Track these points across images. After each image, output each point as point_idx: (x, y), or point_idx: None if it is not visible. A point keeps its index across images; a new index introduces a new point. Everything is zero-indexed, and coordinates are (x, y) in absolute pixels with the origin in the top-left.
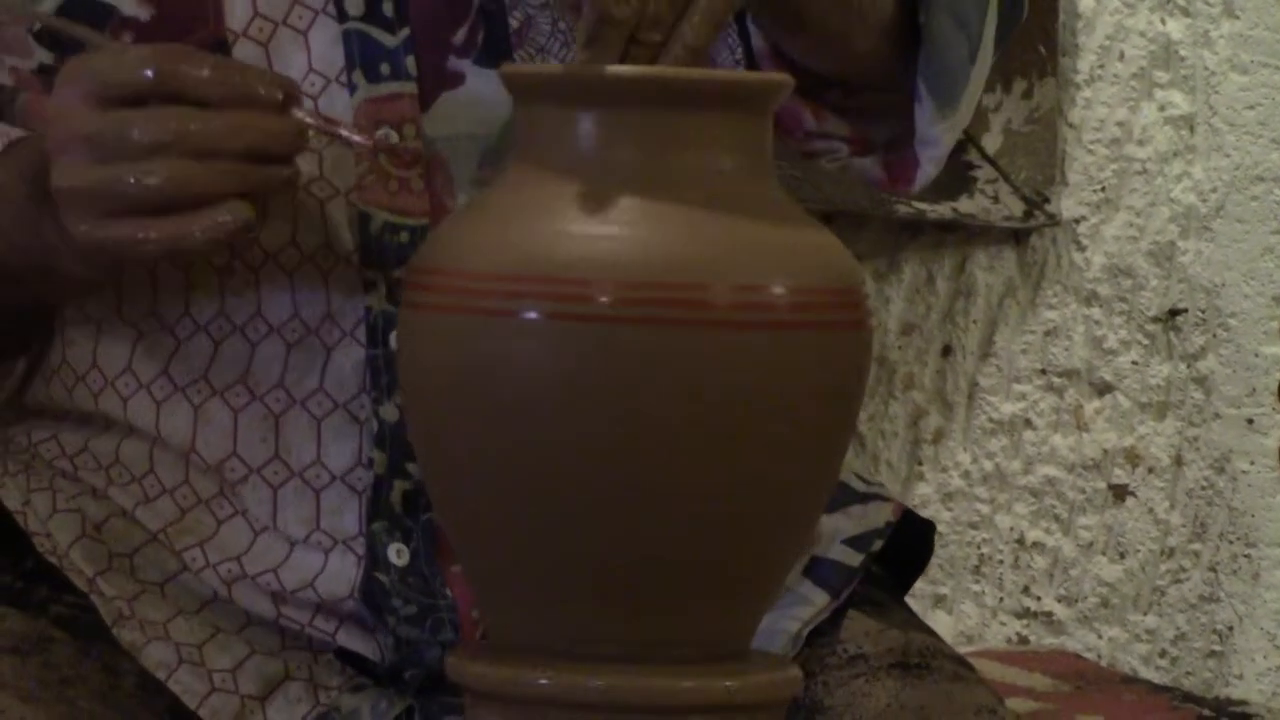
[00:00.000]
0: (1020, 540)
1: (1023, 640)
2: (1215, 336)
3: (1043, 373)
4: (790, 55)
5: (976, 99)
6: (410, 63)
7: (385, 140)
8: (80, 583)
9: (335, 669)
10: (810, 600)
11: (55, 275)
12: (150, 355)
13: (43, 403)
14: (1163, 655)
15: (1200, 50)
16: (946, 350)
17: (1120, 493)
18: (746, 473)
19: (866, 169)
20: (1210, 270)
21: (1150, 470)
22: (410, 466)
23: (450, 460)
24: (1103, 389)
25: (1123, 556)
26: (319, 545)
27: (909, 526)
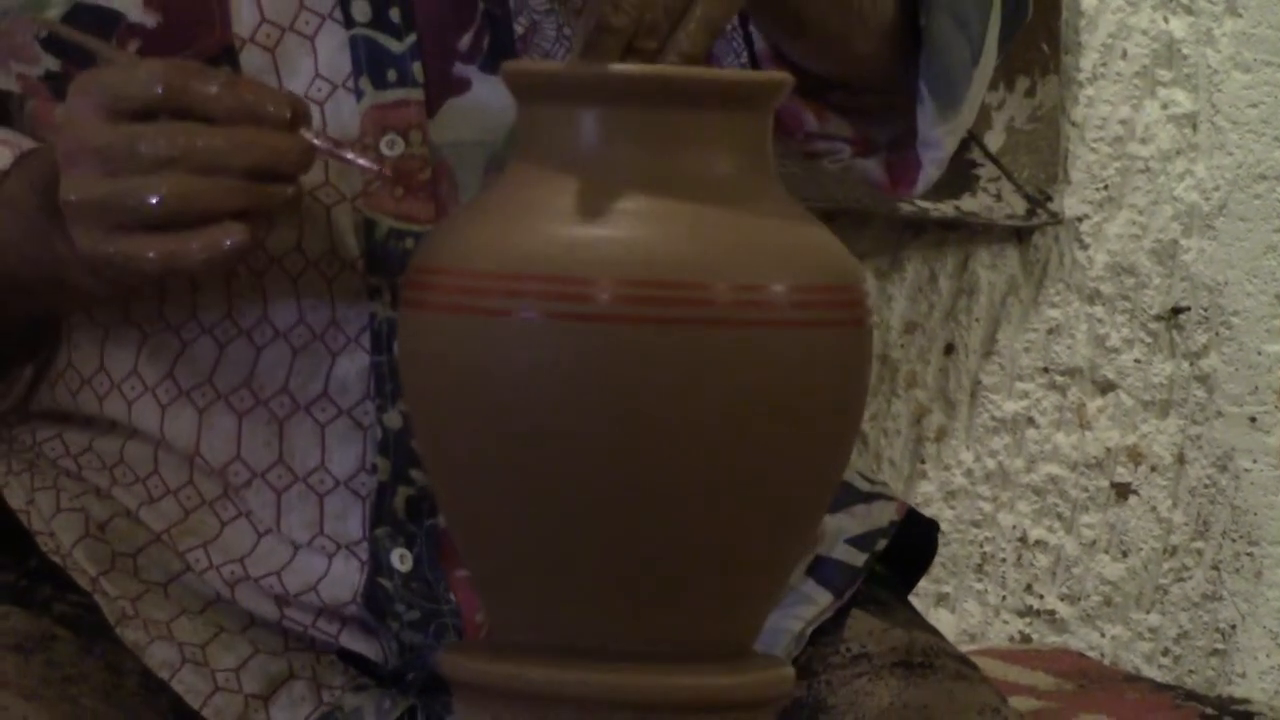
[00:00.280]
0: (1023, 538)
1: (1025, 639)
2: (1218, 335)
3: (1045, 371)
4: (791, 58)
5: (979, 101)
6: (417, 69)
7: (389, 164)
8: (83, 582)
9: (338, 669)
10: (813, 600)
11: (65, 287)
12: (155, 358)
13: (48, 405)
14: (1165, 654)
15: (1203, 48)
16: (949, 348)
17: (1123, 491)
18: (748, 472)
19: (868, 171)
20: (1213, 268)
21: (1153, 468)
22: (414, 473)
23: (452, 459)
24: (1105, 387)
25: (1125, 555)
26: (322, 549)
27: (912, 525)
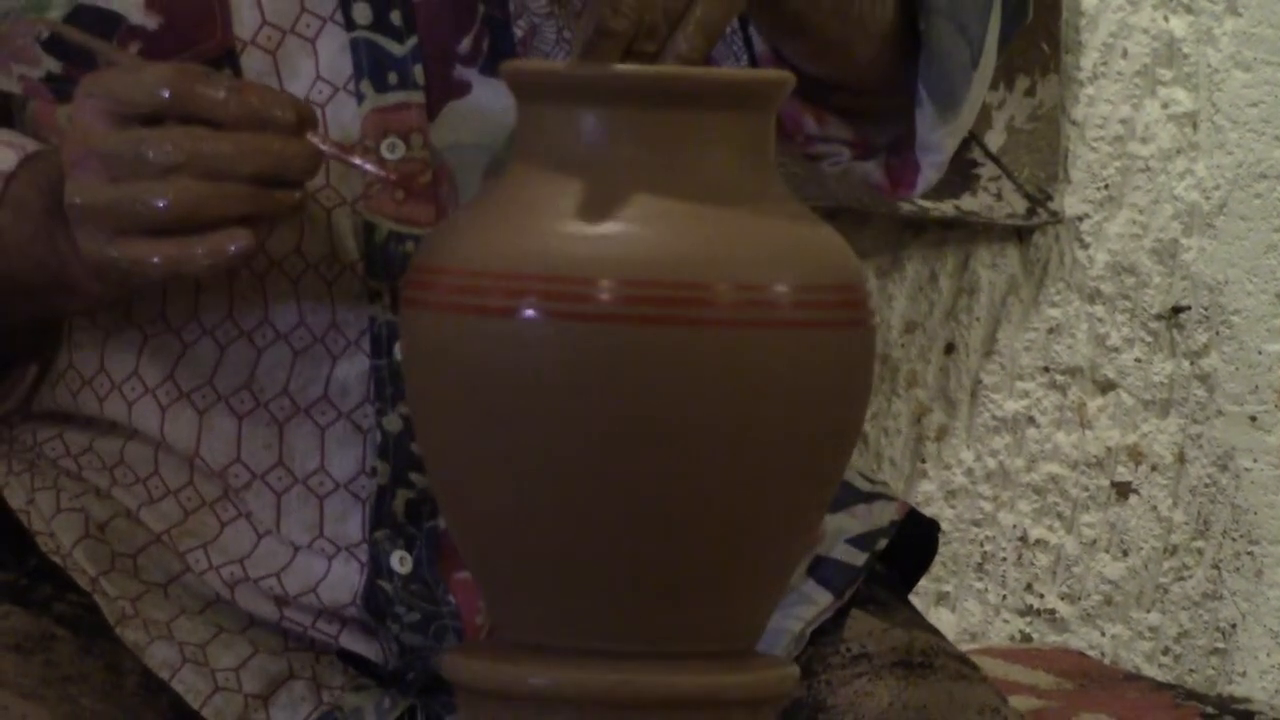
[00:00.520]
0: (1023, 538)
1: (1026, 638)
2: (1218, 334)
3: (1046, 370)
4: (791, 61)
5: (979, 103)
6: (418, 72)
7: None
8: (83, 582)
9: (338, 669)
10: (813, 600)
11: (68, 289)
12: (156, 360)
13: (49, 406)
14: (1166, 653)
15: (1203, 47)
16: (949, 348)
17: (1123, 490)
18: (749, 472)
19: (868, 173)
20: (1213, 268)
21: (1153, 468)
22: (413, 476)
23: (452, 458)
24: (1106, 386)
25: (1126, 554)
26: (322, 551)
27: (913, 525)
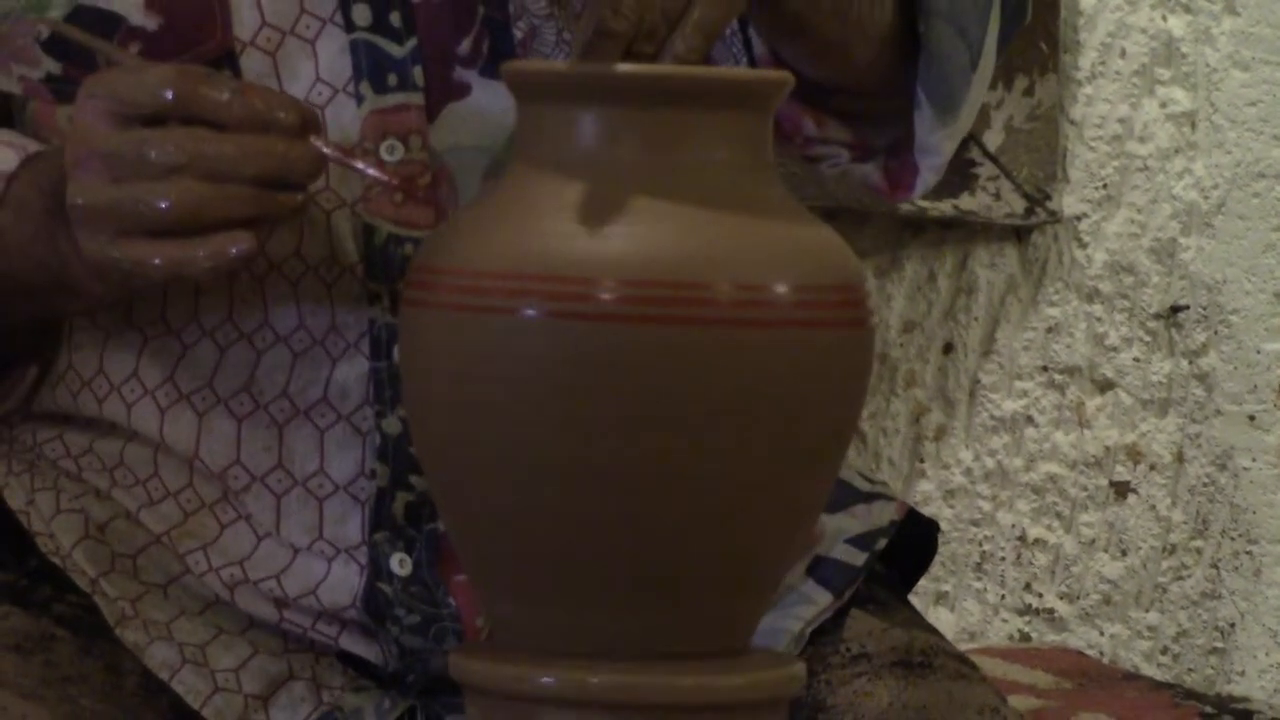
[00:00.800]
0: (1022, 537)
1: (1024, 637)
2: (1217, 333)
3: (1044, 370)
4: (790, 63)
5: (978, 106)
6: (418, 73)
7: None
8: (83, 583)
9: (338, 669)
10: (813, 600)
11: (69, 289)
12: (155, 361)
13: (49, 407)
14: (1164, 652)
15: (1201, 47)
16: (948, 347)
17: (1122, 490)
18: (747, 471)
19: (866, 175)
20: (1212, 267)
21: (1152, 467)
22: (413, 478)
23: (451, 458)
24: (1104, 386)
25: (1124, 553)
26: (322, 553)
27: (912, 525)
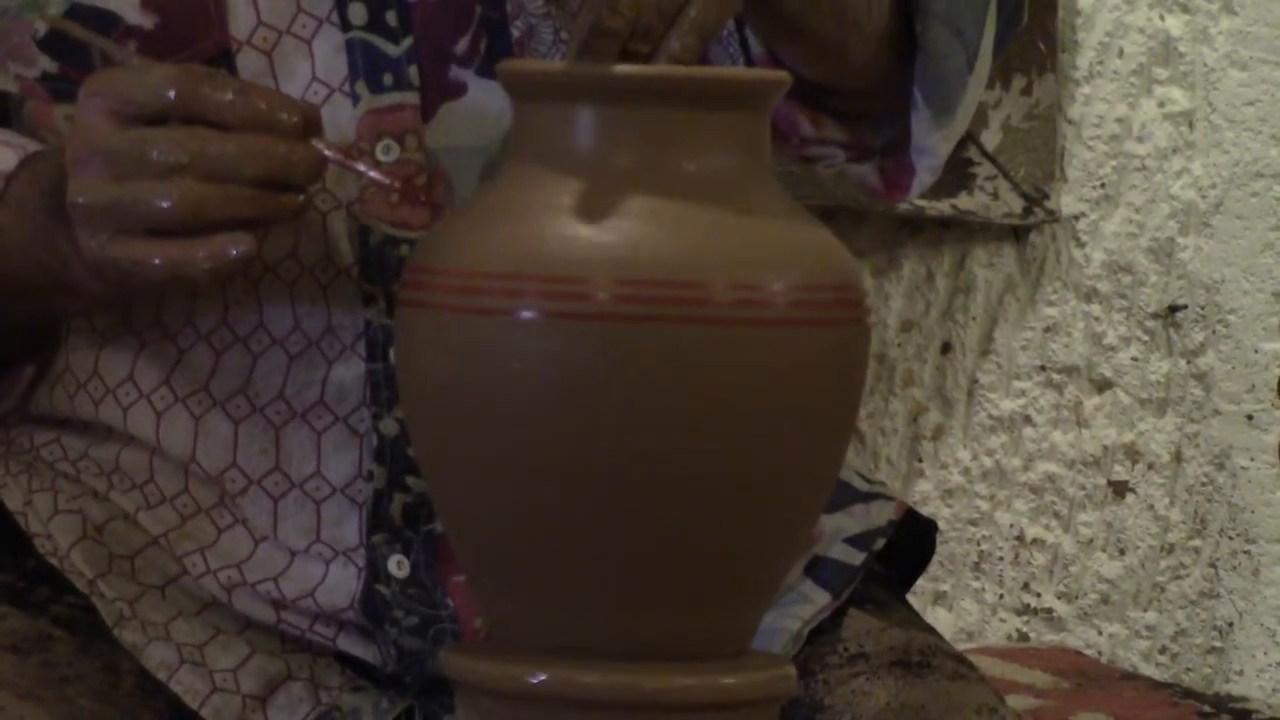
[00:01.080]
0: (1020, 537)
1: (1023, 637)
2: (1215, 333)
3: (1042, 369)
4: (787, 63)
5: (974, 107)
6: (413, 72)
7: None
8: (80, 584)
9: (336, 670)
10: (811, 599)
11: (68, 289)
12: (152, 365)
13: (45, 409)
14: (1163, 652)
15: (1199, 46)
16: (946, 347)
17: (1120, 489)
18: (745, 471)
19: (863, 176)
20: (1210, 266)
21: (1150, 466)
22: (410, 480)
23: (449, 459)
24: (1102, 385)
25: (1122, 553)
26: (319, 556)
27: (910, 524)
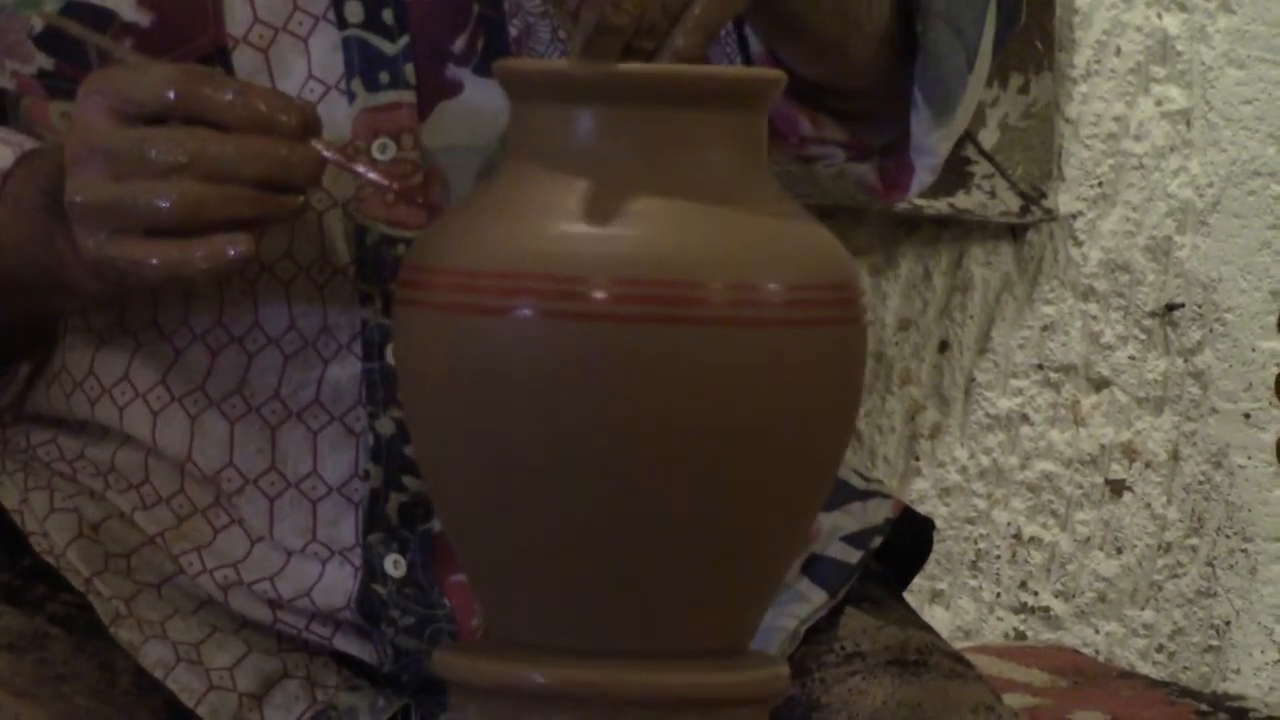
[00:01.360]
0: (1017, 535)
1: (1020, 635)
2: (1212, 331)
3: (1040, 368)
4: (787, 62)
5: (974, 105)
6: (409, 71)
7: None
8: (77, 583)
9: (332, 668)
10: (808, 598)
11: (65, 288)
12: (148, 365)
13: (42, 408)
14: (1160, 650)
15: (1197, 45)
16: (943, 346)
17: (1117, 488)
18: (742, 470)
19: (862, 175)
20: (1207, 265)
21: (1147, 465)
22: (406, 479)
23: (447, 458)
24: (1100, 384)
25: (1120, 551)
26: (316, 556)
27: (907, 523)
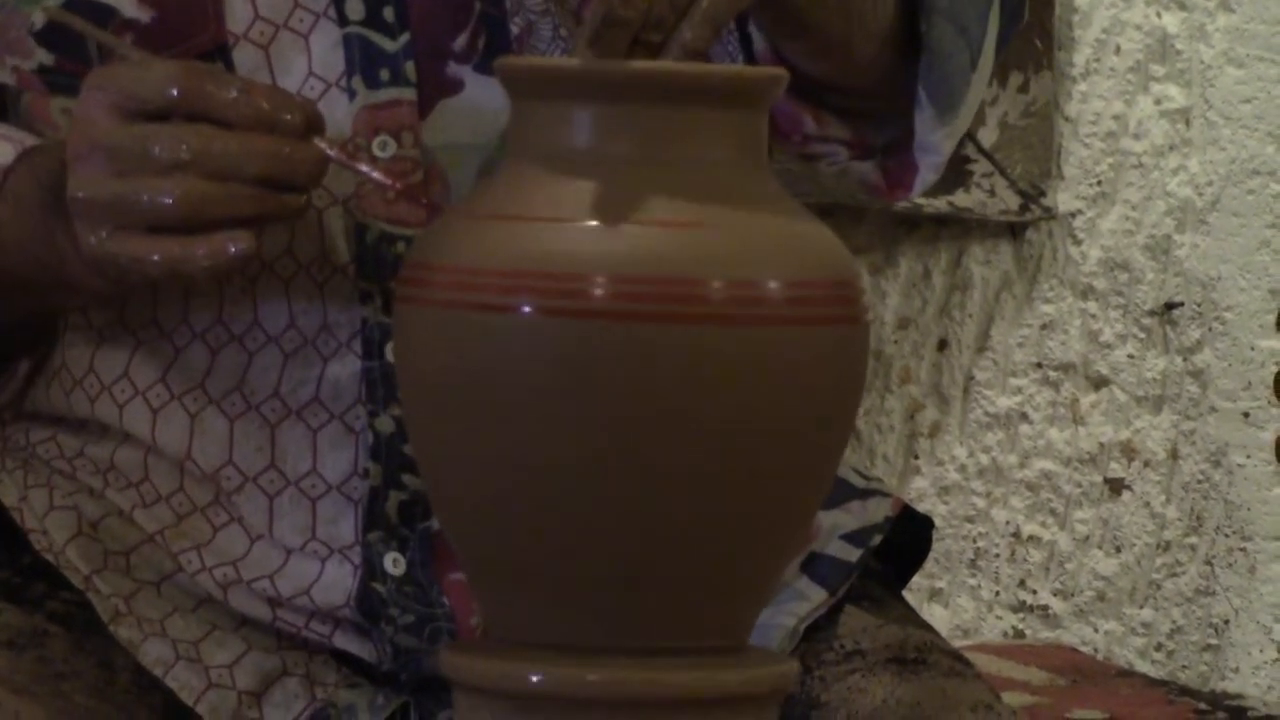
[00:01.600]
0: (1016, 534)
1: (1019, 634)
2: (1211, 330)
3: (1039, 366)
4: (791, 61)
5: (977, 104)
6: (410, 68)
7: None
8: (76, 581)
9: (331, 666)
10: (807, 596)
11: (65, 285)
12: (147, 363)
13: (42, 406)
14: (1159, 649)
15: (1196, 44)
16: (942, 344)
17: (1116, 486)
18: (743, 468)
19: (865, 174)
20: (1206, 264)
21: (1146, 464)
22: (406, 478)
23: (446, 456)
24: (1099, 383)
25: (1119, 550)
26: (315, 554)
27: (907, 521)
